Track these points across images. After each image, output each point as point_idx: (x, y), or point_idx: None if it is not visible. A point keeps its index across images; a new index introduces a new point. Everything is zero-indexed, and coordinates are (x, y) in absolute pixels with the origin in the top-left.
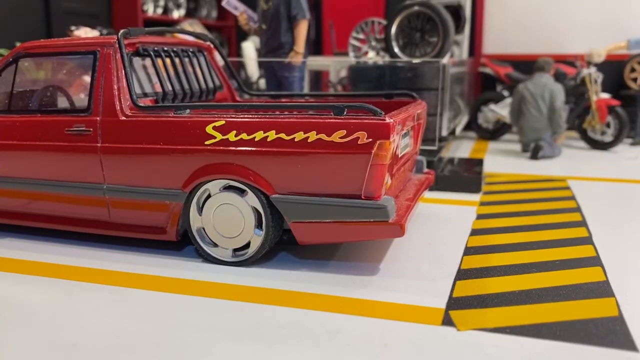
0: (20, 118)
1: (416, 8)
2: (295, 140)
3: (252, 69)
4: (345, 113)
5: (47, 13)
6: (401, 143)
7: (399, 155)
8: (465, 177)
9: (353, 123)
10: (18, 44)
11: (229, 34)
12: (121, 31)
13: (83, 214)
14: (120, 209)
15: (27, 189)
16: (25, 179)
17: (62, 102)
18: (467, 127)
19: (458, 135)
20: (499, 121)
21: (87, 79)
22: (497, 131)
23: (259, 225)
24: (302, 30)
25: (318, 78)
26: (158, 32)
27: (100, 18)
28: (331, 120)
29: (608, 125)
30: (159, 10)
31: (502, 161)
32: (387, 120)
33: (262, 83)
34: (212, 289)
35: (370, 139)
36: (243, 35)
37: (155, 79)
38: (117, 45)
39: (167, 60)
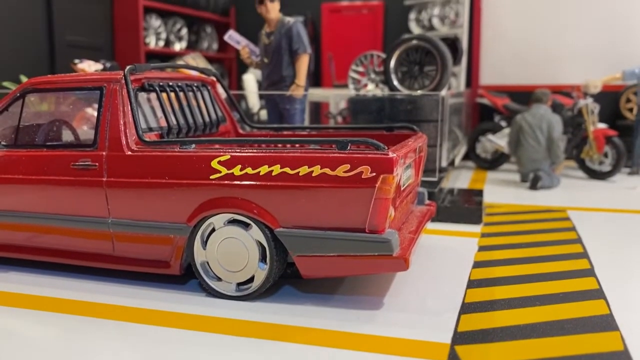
0: (26, 152)
1: (415, 42)
2: (300, 174)
3: (253, 100)
4: (348, 147)
5: (51, 46)
6: (404, 176)
7: (402, 188)
8: (466, 208)
9: (357, 157)
10: (22, 77)
11: (229, 65)
12: (127, 67)
13: (87, 247)
14: (125, 242)
15: (32, 223)
16: (31, 213)
17: (68, 137)
18: (466, 157)
19: (457, 165)
20: (497, 151)
21: (93, 113)
22: (495, 161)
23: (263, 259)
24: (304, 64)
25: (318, 109)
26: (163, 68)
27: (103, 50)
28: (335, 155)
29: (606, 155)
30: (161, 43)
31: (501, 191)
32: (391, 154)
33: (263, 114)
34: (217, 324)
35: (374, 173)
36: (243, 67)
37: (160, 113)
38: (123, 81)
39: (172, 95)
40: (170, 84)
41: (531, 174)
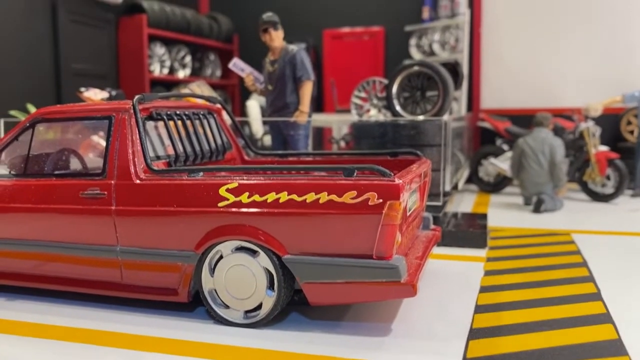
0: (36, 181)
1: (416, 68)
2: (307, 201)
3: (257, 126)
4: (355, 174)
5: (57, 74)
6: (409, 201)
7: (408, 214)
8: (471, 232)
9: (363, 184)
10: (29, 106)
11: (233, 92)
12: (136, 97)
13: (96, 275)
14: (133, 270)
15: (41, 251)
16: (40, 241)
17: (76, 165)
18: (468, 180)
19: (460, 189)
20: (499, 174)
21: (99, 141)
22: (498, 184)
23: (270, 286)
24: (307, 90)
25: (320, 134)
26: (171, 97)
27: (108, 78)
28: (342, 182)
29: (608, 178)
30: (165, 71)
31: (505, 215)
32: (397, 181)
33: (267, 139)
34: (225, 352)
35: (381, 200)
36: (247, 94)
37: (168, 141)
38: (132, 111)
39: (179, 123)
40: (178, 112)
41: (534, 197)
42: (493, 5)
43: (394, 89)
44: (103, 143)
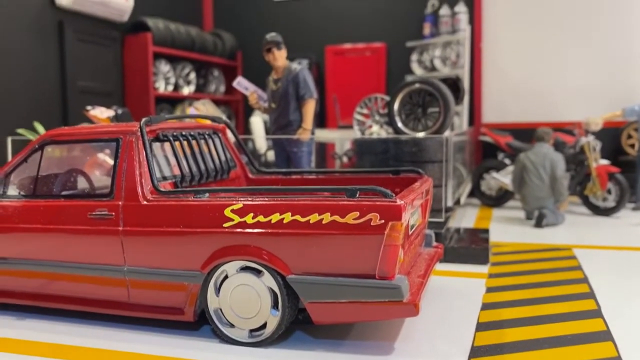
0: (44, 202)
1: (417, 85)
2: (311, 222)
3: (261, 142)
4: (357, 195)
5: (64, 92)
6: (411, 220)
7: (410, 232)
8: (473, 249)
9: (365, 205)
10: (37, 124)
11: (236, 107)
12: (143, 120)
13: (103, 295)
14: (140, 289)
15: (50, 270)
16: (49, 261)
17: (84, 185)
18: (471, 194)
19: (462, 203)
20: (501, 188)
21: (105, 159)
22: (500, 198)
23: (275, 305)
24: (310, 108)
25: (323, 150)
26: (177, 119)
27: (114, 95)
28: (344, 203)
29: (609, 192)
30: (170, 87)
31: (507, 229)
32: (398, 202)
33: (271, 155)
34: None
35: (383, 220)
36: (250, 110)
37: (174, 162)
38: (139, 133)
39: (185, 143)
40: (183, 132)
41: (536, 212)
42: (493, 21)
43: (396, 105)
44: (109, 160)
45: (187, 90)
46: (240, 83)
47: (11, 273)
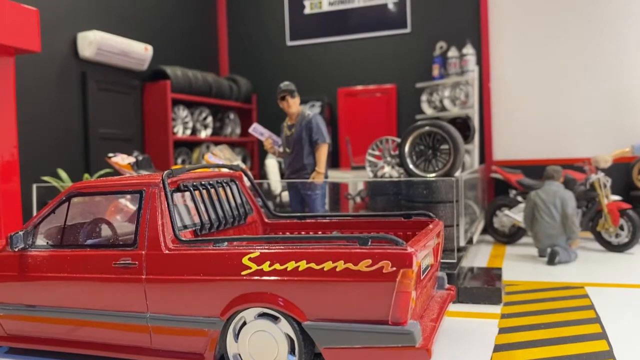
0: (71, 252)
1: (427, 128)
2: (325, 269)
3: (275, 184)
4: (369, 243)
5: (86, 139)
6: (423, 264)
7: (422, 276)
8: (485, 289)
9: (377, 253)
10: (60, 171)
11: (251, 149)
12: (165, 173)
13: (126, 340)
14: (162, 335)
15: (75, 318)
16: (74, 309)
17: (107, 234)
18: (484, 231)
19: (476, 241)
20: (514, 225)
21: (126, 204)
22: (513, 235)
23: (292, 351)
24: (323, 152)
25: (337, 190)
26: (197, 169)
27: (134, 141)
28: (357, 251)
29: (621, 228)
30: (188, 132)
31: (520, 267)
32: (409, 249)
33: (285, 196)
34: None
35: (394, 268)
36: (265, 151)
37: (194, 210)
38: (161, 185)
39: (204, 192)
40: (203, 182)
41: (548, 250)
42: (500, 61)
43: (406, 147)
44: (130, 206)
45: (204, 134)
46: (256, 129)
47: (39, 320)
